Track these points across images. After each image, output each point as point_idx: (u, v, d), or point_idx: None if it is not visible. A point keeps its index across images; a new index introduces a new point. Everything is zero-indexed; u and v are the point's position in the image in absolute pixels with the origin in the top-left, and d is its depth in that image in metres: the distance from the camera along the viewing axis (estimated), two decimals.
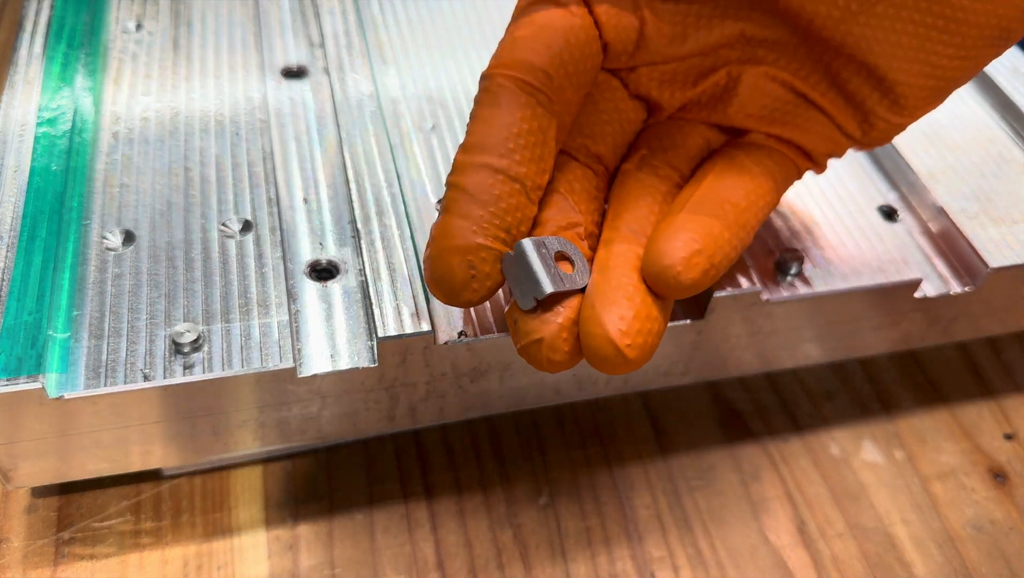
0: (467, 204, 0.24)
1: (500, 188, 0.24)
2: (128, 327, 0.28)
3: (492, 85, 0.25)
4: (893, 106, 0.27)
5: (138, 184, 0.32)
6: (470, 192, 0.24)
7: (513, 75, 0.25)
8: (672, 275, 0.24)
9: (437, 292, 0.24)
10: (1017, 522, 0.33)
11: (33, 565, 0.29)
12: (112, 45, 0.38)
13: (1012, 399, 0.38)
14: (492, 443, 0.34)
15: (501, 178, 0.24)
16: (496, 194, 0.24)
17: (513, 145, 0.24)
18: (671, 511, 0.33)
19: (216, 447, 0.29)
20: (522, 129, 0.24)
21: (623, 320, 0.23)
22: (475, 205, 0.24)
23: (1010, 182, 0.36)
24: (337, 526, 0.31)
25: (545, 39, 0.25)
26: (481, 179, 0.24)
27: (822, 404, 0.37)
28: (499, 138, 0.24)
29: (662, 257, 0.24)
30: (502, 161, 0.24)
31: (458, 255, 0.24)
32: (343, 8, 0.40)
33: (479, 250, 0.24)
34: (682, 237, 0.24)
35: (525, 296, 0.24)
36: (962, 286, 0.33)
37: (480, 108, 0.25)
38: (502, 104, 0.25)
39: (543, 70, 0.25)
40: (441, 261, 0.24)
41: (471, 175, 0.24)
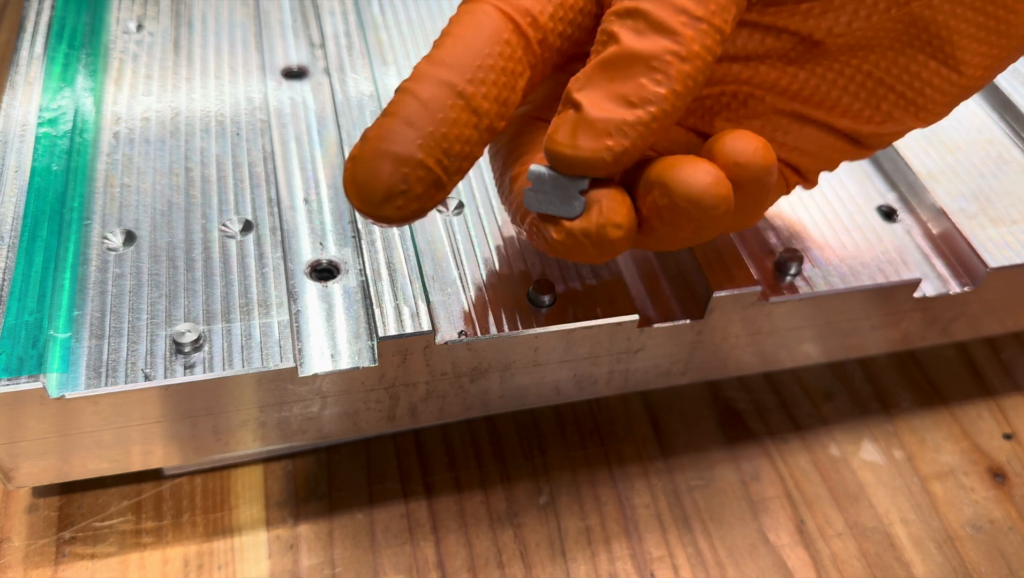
0: (417, 112, 0.22)
1: (457, 113, 0.22)
2: (129, 327, 0.28)
3: (477, 9, 0.23)
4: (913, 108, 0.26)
5: (139, 184, 0.32)
6: (424, 102, 0.22)
7: (502, 7, 0.23)
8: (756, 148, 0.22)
9: (354, 196, 0.22)
10: (1016, 522, 0.33)
11: (34, 565, 0.29)
12: (113, 45, 0.38)
13: (1011, 399, 0.38)
14: (492, 443, 0.34)
15: (462, 104, 0.22)
16: (452, 117, 0.22)
17: (483, 76, 0.22)
18: (671, 511, 0.33)
19: (217, 447, 0.29)
20: (497, 64, 0.23)
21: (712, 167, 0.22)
22: (425, 117, 0.22)
23: (1009, 182, 0.36)
24: (337, 526, 0.31)
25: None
26: (440, 94, 0.22)
27: (822, 404, 0.37)
28: (471, 63, 0.22)
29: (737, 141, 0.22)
30: (468, 87, 0.22)
31: (392, 162, 0.21)
32: (343, 8, 0.41)
33: (418, 166, 0.22)
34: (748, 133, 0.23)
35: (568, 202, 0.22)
36: (961, 286, 0.33)
37: (457, 26, 0.23)
38: (483, 30, 0.23)
39: (533, 16, 0.23)
40: (371, 164, 0.22)
41: (429, 87, 0.22)
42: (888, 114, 0.27)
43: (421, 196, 0.22)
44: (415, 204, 0.22)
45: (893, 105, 0.26)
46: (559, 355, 0.30)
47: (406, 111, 0.22)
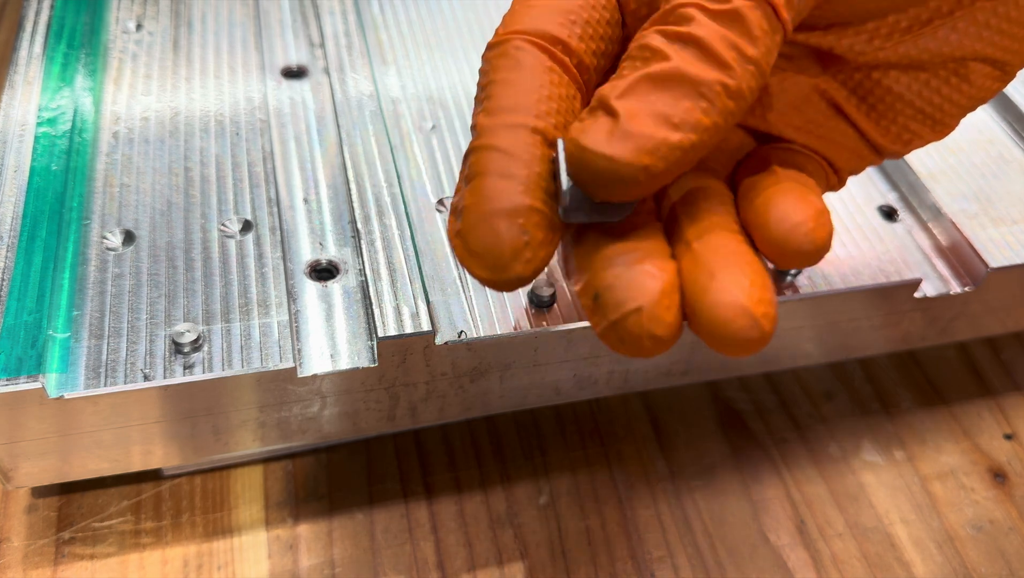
0: (506, 163, 0.21)
1: (541, 149, 0.21)
2: (128, 327, 0.28)
3: (510, 49, 0.22)
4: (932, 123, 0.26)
5: (138, 184, 0.32)
6: (507, 151, 0.21)
7: (533, 40, 0.22)
8: (804, 232, 0.21)
9: (479, 267, 0.20)
10: (1017, 522, 0.33)
11: (33, 565, 0.29)
12: (112, 45, 0.38)
13: (1012, 399, 0.38)
14: (492, 443, 0.34)
15: (540, 139, 0.21)
16: (538, 154, 0.21)
17: (546, 108, 0.21)
18: (671, 511, 0.33)
19: (216, 447, 0.29)
20: (554, 93, 0.22)
21: (753, 286, 0.20)
22: (516, 164, 0.21)
23: (1010, 182, 0.36)
24: (337, 526, 0.31)
25: (564, 9, 0.23)
26: (519, 137, 0.21)
27: (822, 404, 0.37)
28: (531, 99, 0.21)
29: (789, 216, 0.21)
30: (539, 122, 0.21)
31: (506, 218, 0.20)
32: (343, 8, 0.40)
33: (531, 212, 0.20)
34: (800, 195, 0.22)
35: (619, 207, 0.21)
36: (962, 286, 0.33)
37: (499, 72, 0.22)
38: (526, 67, 0.22)
39: (564, 43, 0.22)
40: (484, 228, 0.20)
41: (504, 135, 0.21)
42: (904, 127, 0.26)
43: (544, 241, 0.21)
44: (542, 251, 0.21)
45: (910, 119, 0.26)
46: (559, 355, 0.30)
47: (493, 166, 0.21)
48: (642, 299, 0.20)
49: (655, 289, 0.20)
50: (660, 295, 0.20)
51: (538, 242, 0.20)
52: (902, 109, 0.26)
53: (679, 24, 0.21)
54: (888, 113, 0.26)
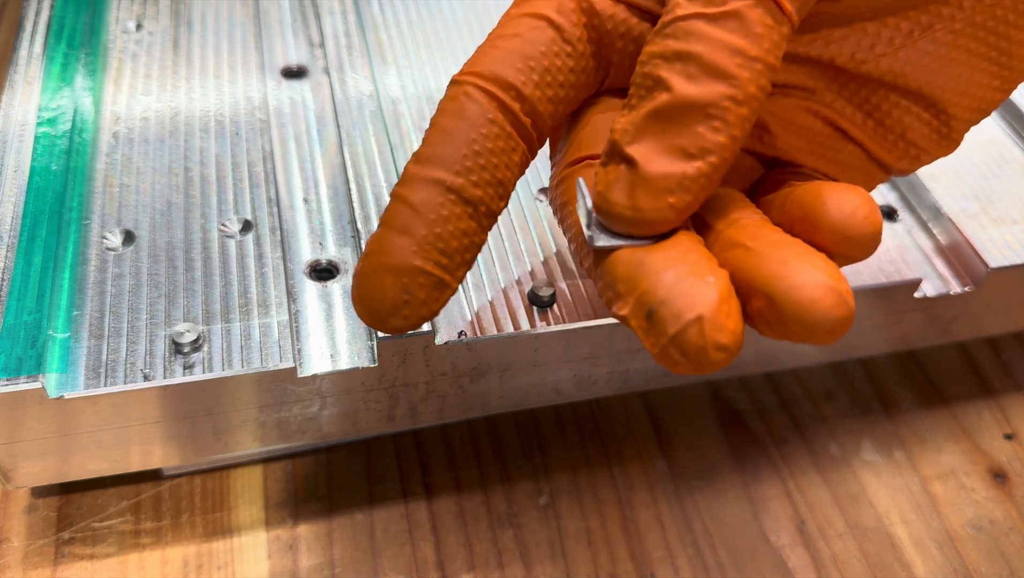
0: (410, 219, 0.22)
1: (450, 209, 0.22)
2: (128, 327, 0.28)
3: (459, 93, 0.23)
4: (937, 137, 0.26)
5: (138, 184, 0.32)
6: (415, 207, 0.22)
7: (484, 87, 0.23)
8: (864, 215, 0.21)
9: (363, 312, 0.22)
10: (1017, 522, 0.33)
11: (33, 565, 0.29)
12: (112, 45, 0.38)
13: (1012, 399, 0.38)
14: (492, 443, 0.34)
15: (453, 198, 0.22)
16: (444, 215, 0.22)
17: (472, 164, 0.22)
18: (671, 511, 0.33)
19: (216, 447, 0.29)
20: (484, 147, 0.22)
21: (827, 266, 0.20)
22: (419, 222, 0.22)
23: (1010, 182, 0.36)
24: (337, 526, 0.31)
25: (526, 55, 0.23)
26: (430, 195, 0.22)
27: (822, 404, 0.37)
28: (457, 154, 0.22)
29: (845, 201, 0.21)
30: (456, 179, 0.22)
31: (391, 275, 0.22)
32: (343, 8, 0.40)
33: (417, 273, 0.22)
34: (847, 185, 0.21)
35: None
36: (962, 286, 0.33)
37: (441, 116, 0.23)
38: (466, 116, 0.22)
39: (517, 90, 0.23)
40: (372, 279, 0.22)
41: (419, 189, 0.22)
42: (912, 142, 0.26)
43: (426, 300, 0.22)
44: (422, 310, 0.22)
45: (917, 134, 0.26)
46: (559, 355, 0.30)
47: (399, 220, 0.22)
48: (702, 307, 0.19)
49: (713, 296, 0.19)
50: (720, 301, 0.19)
51: (419, 301, 0.22)
52: (909, 124, 0.26)
53: (677, 39, 0.21)
54: (896, 128, 0.26)
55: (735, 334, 0.19)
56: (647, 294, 0.20)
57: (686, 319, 0.19)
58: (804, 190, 0.22)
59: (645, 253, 0.21)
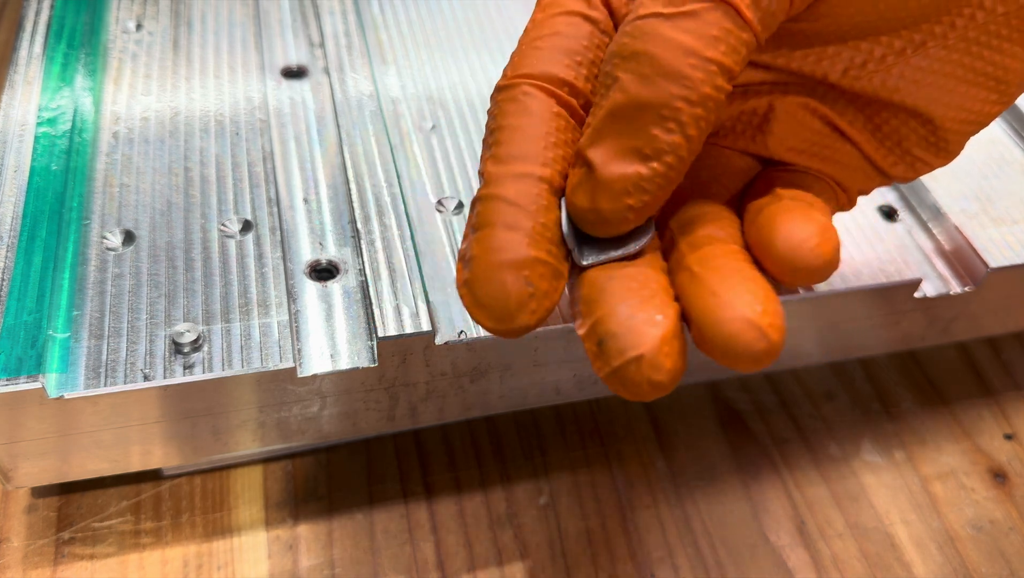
0: (513, 214, 0.21)
1: (547, 198, 0.22)
2: (128, 327, 0.28)
3: (518, 93, 0.23)
4: (934, 149, 0.26)
5: (138, 184, 0.32)
6: (513, 201, 0.21)
7: (541, 84, 0.23)
8: (810, 248, 0.21)
9: (486, 318, 0.21)
10: (1017, 522, 0.33)
11: (33, 565, 0.29)
12: (112, 45, 0.38)
13: (1012, 399, 0.38)
14: (492, 443, 0.34)
15: (546, 187, 0.22)
16: (544, 204, 0.21)
17: (553, 155, 0.22)
18: (671, 511, 0.33)
19: (216, 447, 0.29)
20: (560, 139, 0.22)
21: (757, 300, 0.20)
22: (522, 215, 0.21)
23: (1010, 182, 0.36)
24: (337, 526, 0.31)
25: (571, 50, 0.23)
26: (526, 188, 0.21)
27: (822, 404, 0.37)
28: (538, 147, 0.22)
29: (794, 233, 0.21)
30: (545, 170, 0.22)
31: (512, 270, 0.21)
32: (343, 8, 0.40)
33: (535, 264, 0.21)
34: (804, 213, 0.22)
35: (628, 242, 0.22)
36: (962, 286, 0.33)
37: (507, 117, 0.23)
38: (534, 112, 0.22)
39: (570, 85, 0.23)
40: (491, 279, 0.21)
41: (511, 184, 0.22)
42: (908, 151, 0.26)
43: (548, 291, 0.21)
44: (547, 301, 0.21)
45: (914, 145, 0.26)
46: (559, 355, 0.30)
47: (501, 216, 0.21)
48: (643, 347, 0.20)
49: (656, 336, 0.20)
50: (660, 342, 0.20)
51: (543, 293, 0.21)
52: (906, 134, 0.26)
53: (634, 38, 0.21)
54: (893, 136, 0.26)
55: (672, 372, 0.20)
56: (600, 324, 0.21)
57: (628, 356, 0.20)
58: (764, 215, 0.23)
59: (607, 279, 0.22)
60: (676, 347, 0.21)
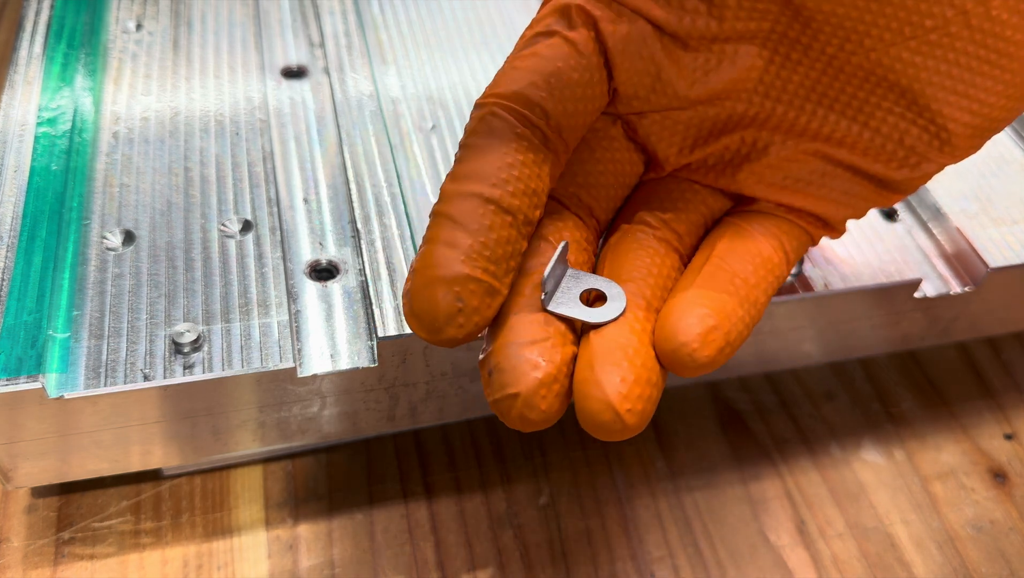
0: (453, 231, 0.22)
1: (491, 218, 0.22)
2: (128, 327, 0.28)
3: (486, 114, 0.24)
4: (937, 142, 0.26)
5: (138, 184, 0.32)
6: (457, 219, 0.22)
7: (510, 106, 0.24)
8: (688, 353, 0.22)
9: (418, 328, 0.22)
10: (1017, 522, 0.33)
11: (33, 565, 0.29)
12: (112, 45, 0.38)
13: (1012, 399, 0.38)
14: (492, 443, 0.34)
15: (492, 208, 0.22)
16: (486, 224, 0.22)
17: (506, 176, 0.23)
18: (671, 511, 0.33)
19: (216, 447, 0.29)
20: (516, 160, 0.23)
21: (624, 382, 0.22)
22: (462, 233, 0.22)
23: (1010, 182, 0.36)
24: (337, 526, 0.31)
25: (546, 72, 0.24)
26: (470, 207, 0.22)
27: (822, 404, 0.37)
28: (492, 167, 0.23)
29: (677, 334, 0.22)
30: (494, 191, 0.22)
31: (443, 286, 0.22)
32: (343, 8, 0.40)
33: (467, 281, 0.22)
34: (696, 313, 0.23)
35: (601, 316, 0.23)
36: (962, 286, 0.33)
37: (472, 137, 0.24)
38: (496, 134, 0.23)
39: (540, 106, 0.24)
40: (424, 293, 0.22)
41: (459, 203, 0.22)
42: (912, 149, 0.26)
43: (478, 307, 0.22)
44: (475, 317, 0.22)
45: (916, 139, 0.26)
46: None
47: (443, 234, 0.22)
48: (520, 386, 0.22)
49: (534, 379, 0.22)
50: (538, 385, 0.22)
51: (471, 309, 0.22)
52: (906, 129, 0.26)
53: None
54: (892, 134, 0.26)
55: (546, 413, 0.22)
56: (492, 355, 0.22)
57: (507, 392, 0.22)
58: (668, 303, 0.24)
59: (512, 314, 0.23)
60: (555, 390, 0.22)
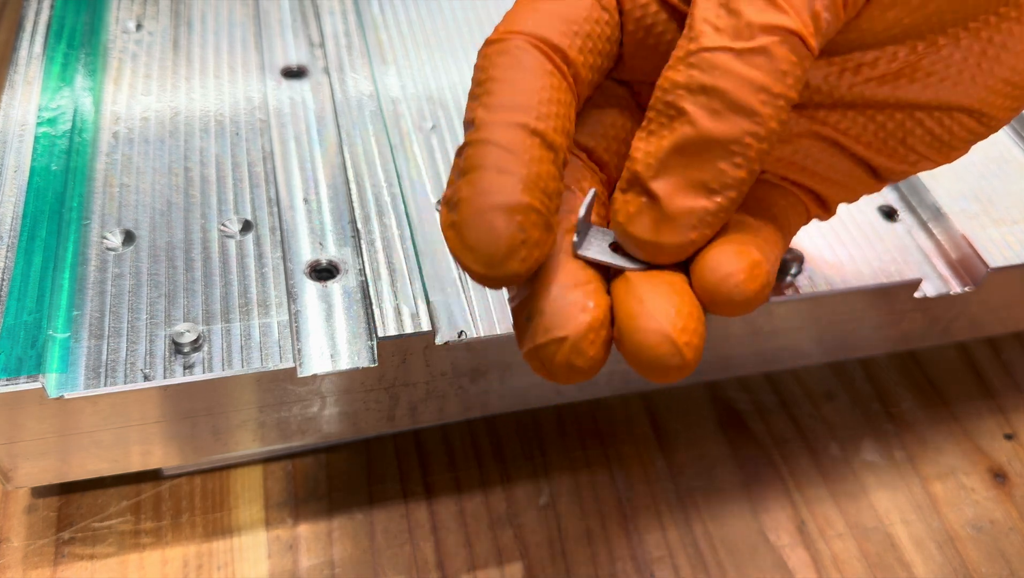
0: (505, 159, 0.20)
1: (539, 151, 0.20)
2: (128, 327, 0.28)
3: (511, 47, 0.21)
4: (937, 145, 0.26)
5: (138, 184, 0.32)
6: (506, 147, 0.20)
7: (534, 42, 0.21)
8: (734, 284, 0.21)
9: (474, 262, 0.20)
10: (1017, 522, 0.33)
11: (33, 565, 0.29)
12: (112, 45, 0.38)
13: (1012, 399, 0.38)
14: (492, 443, 0.34)
15: (538, 141, 0.20)
16: (536, 155, 0.20)
17: (547, 111, 0.21)
18: (671, 511, 0.33)
19: (216, 447, 0.29)
20: (554, 97, 0.21)
21: (679, 315, 0.20)
22: (515, 161, 0.20)
23: (1010, 182, 0.36)
24: (337, 526, 0.31)
25: (568, 18, 0.22)
26: (517, 137, 0.20)
27: (822, 404, 0.37)
28: (532, 100, 0.21)
29: (720, 265, 0.21)
30: (539, 123, 0.20)
31: (504, 214, 0.19)
32: (343, 8, 0.40)
33: (528, 211, 0.20)
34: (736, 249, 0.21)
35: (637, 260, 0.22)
36: (962, 286, 0.33)
37: (499, 69, 0.21)
38: (527, 67, 0.21)
39: (564, 52, 0.22)
40: (481, 222, 0.19)
41: (503, 132, 0.20)
42: (912, 148, 0.26)
43: (539, 241, 0.20)
44: (536, 251, 0.20)
45: (919, 140, 0.26)
46: None
47: (492, 160, 0.20)
48: (568, 329, 0.20)
49: (583, 322, 0.20)
50: (587, 329, 0.20)
51: (534, 241, 0.20)
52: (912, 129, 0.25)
53: (703, 71, 0.20)
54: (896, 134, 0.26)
55: (592, 361, 0.20)
56: (532, 299, 0.21)
57: (552, 336, 0.20)
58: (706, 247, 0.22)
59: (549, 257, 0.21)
60: (602, 336, 0.21)
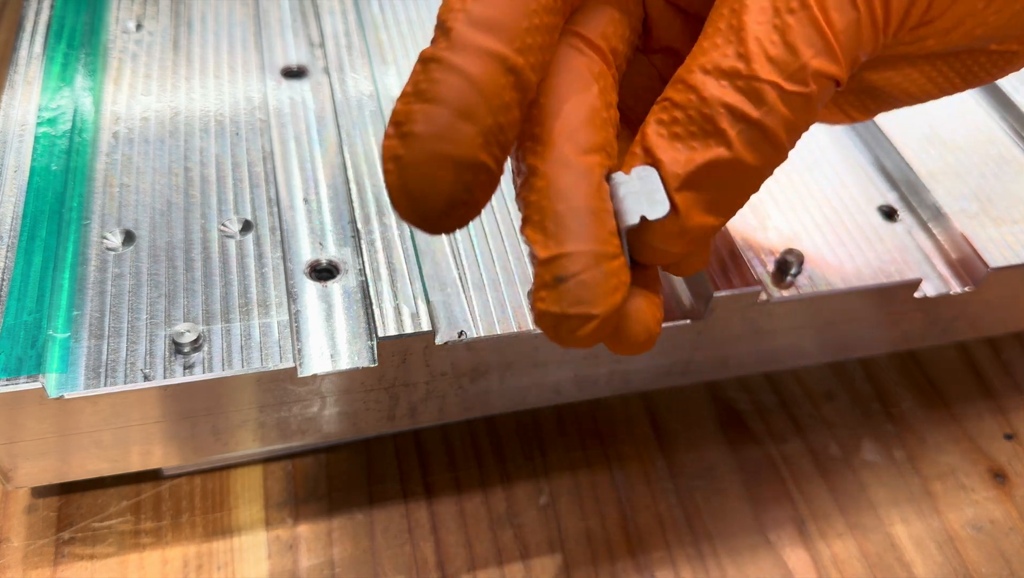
0: (471, 99, 0.18)
1: (511, 94, 0.18)
2: (128, 327, 0.28)
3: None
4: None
5: (138, 184, 0.32)
6: (475, 84, 0.18)
7: None
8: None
9: (408, 211, 0.18)
10: (1017, 522, 0.33)
11: (33, 565, 0.29)
12: (112, 45, 0.38)
13: (1012, 399, 0.38)
14: (492, 443, 0.34)
15: (512, 80, 0.18)
16: (506, 101, 0.18)
17: (531, 41, 0.18)
18: (671, 511, 0.33)
19: (216, 447, 0.29)
20: (543, 22, 0.19)
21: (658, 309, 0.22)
22: (484, 108, 0.18)
23: (1010, 182, 0.36)
24: (337, 526, 0.31)
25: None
26: (493, 75, 0.18)
27: (822, 404, 0.37)
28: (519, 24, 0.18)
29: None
30: (519, 59, 0.18)
31: (452, 169, 0.18)
32: (343, 8, 0.40)
33: (481, 171, 0.18)
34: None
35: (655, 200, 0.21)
36: (962, 286, 0.33)
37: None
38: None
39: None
40: (426, 170, 0.18)
41: (478, 63, 0.18)
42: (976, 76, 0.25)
43: (480, 202, 0.19)
44: (473, 212, 0.19)
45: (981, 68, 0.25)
46: (559, 355, 0.30)
47: (458, 98, 0.18)
48: (602, 308, 0.19)
49: (614, 303, 0.20)
50: (615, 310, 0.20)
51: (474, 202, 0.18)
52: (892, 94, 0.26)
53: (751, 102, 0.20)
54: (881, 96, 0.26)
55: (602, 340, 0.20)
56: (573, 260, 0.19)
57: (584, 310, 0.19)
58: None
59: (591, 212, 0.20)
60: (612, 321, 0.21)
